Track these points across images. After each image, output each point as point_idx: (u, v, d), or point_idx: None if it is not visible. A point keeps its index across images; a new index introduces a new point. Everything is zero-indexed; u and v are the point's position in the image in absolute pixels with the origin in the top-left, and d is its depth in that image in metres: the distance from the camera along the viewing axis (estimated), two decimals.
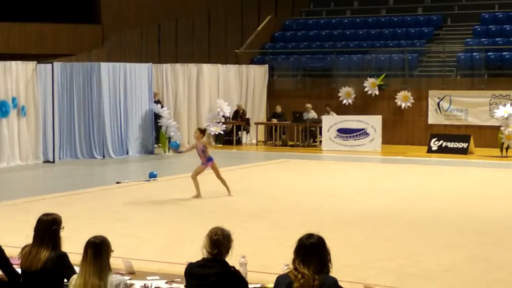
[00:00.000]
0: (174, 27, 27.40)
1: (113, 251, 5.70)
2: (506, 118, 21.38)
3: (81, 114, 20.81)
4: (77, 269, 5.82)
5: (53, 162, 19.72)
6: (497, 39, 25.90)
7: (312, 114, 24.54)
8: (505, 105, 22.09)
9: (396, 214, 12.48)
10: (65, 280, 5.98)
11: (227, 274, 5.64)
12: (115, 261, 6.27)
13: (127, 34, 26.08)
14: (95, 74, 20.91)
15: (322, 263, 5.20)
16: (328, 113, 24.33)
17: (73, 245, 6.83)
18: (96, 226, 10.83)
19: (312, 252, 5.19)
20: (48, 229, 6.06)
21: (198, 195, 13.98)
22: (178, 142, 14.51)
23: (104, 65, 21.26)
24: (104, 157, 20.86)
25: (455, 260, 9.20)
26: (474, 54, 25.47)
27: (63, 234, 6.22)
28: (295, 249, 5.26)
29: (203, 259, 5.74)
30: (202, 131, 14.73)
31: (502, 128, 21.44)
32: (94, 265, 5.51)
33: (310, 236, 5.29)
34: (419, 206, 13.32)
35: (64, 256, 6.07)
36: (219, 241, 5.68)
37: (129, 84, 21.71)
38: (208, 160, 14.26)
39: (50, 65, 20.16)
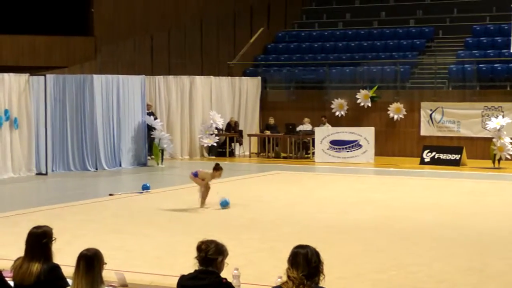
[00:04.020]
0: (166, 39, 27.44)
1: (106, 263, 5.68)
2: (498, 130, 21.44)
3: (73, 126, 20.80)
4: (70, 281, 5.81)
5: (46, 174, 19.69)
6: (488, 51, 26.01)
7: (308, 126, 24.60)
8: (497, 116, 22.16)
9: (388, 226, 12.48)
10: None
11: (219, 286, 5.63)
12: (107, 274, 6.27)
13: (120, 46, 26.11)
14: (87, 86, 20.91)
15: (312, 269, 5.20)
16: (324, 124, 24.39)
17: (65, 257, 6.82)
18: (89, 238, 10.81)
19: (301, 256, 5.22)
20: (38, 242, 6.04)
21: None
22: (227, 200, 14.39)
23: (96, 77, 21.27)
24: (97, 169, 20.83)
25: (448, 272, 9.21)
26: (466, 66, 25.57)
27: (55, 246, 6.21)
28: (288, 257, 5.28)
29: (196, 270, 5.74)
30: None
31: (494, 139, 21.49)
32: (87, 278, 5.49)
33: (302, 246, 5.33)
34: (411, 217, 13.33)
35: (57, 268, 6.05)
36: (201, 248, 5.68)
37: (121, 96, 21.72)
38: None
39: (42, 77, 20.17)
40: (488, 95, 24.20)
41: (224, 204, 14.05)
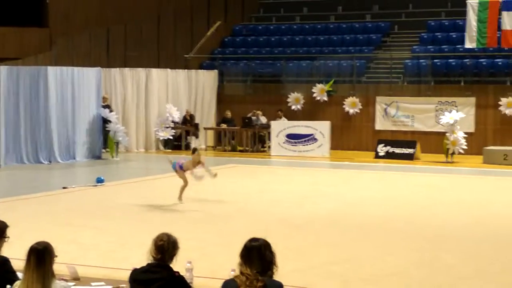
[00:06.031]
0: (123, 31, 27.23)
1: (56, 256, 5.63)
2: (452, 124, 21.70)
3: (27, 118, 20.54)
4: (20, 275, 5.75)
5: None
6: (443, 46, 26.29)
7: (262, 120, 24.61)
8: (450, 111, 22.42)
9: (342, 219, 12.57)
10: (8, 286, 5.90)
11: (172, 279, 5.63)
12: (59, 267, 6.21)
13: (75, 38, 25.83)
14: (42, 78, 20.66)
15: (265, 264, 5.22)
16: (280, 118, 24.44)
17: (16, 251, 6.73)
18: (41, 231, 10.68)
19: (254, 253, 5.22)
20: None
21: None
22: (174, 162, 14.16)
23: (51, 69, 21.03)
24: (50, 162, 20.62)
25: (400, 265, 9.31)
26: (421, 61, 25.82)
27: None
28: (240, 252, 5.29)
29: (148, 264, 5.73)
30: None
31: (447, 134, 21.75)
32: (37, 272, 5.44)
33: (254, 239, 5.34)
34: (365, 211, 13.44)
35: (6, 261, 6.00)
36: (164, 247, 5.69)
37: (77, 89, 21.50)
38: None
39: None
40: (442, 90, 24.47)
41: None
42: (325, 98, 25.21)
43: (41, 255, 5.49)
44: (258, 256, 5.21)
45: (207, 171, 13.73)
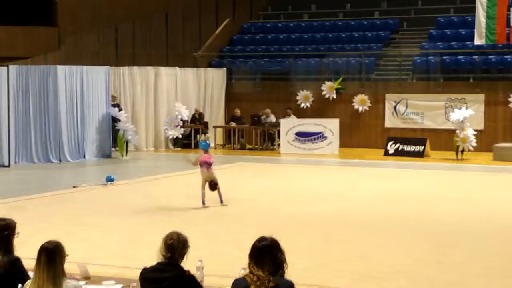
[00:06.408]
0: (131, 30, 27.27)
1: (67, 255, 5.65)
2: (462, 121, 21.64)
3: (37, 117, 20.60)
4: (31, 274, 5.77)
5: (9, 166, 19.48)
6: (452, 43, 26.22)
7: (272, 118, 24.61)
8: (460, 108, 22.37)
9: (352, 217, 12.57)
10: (20, 286, 5.92)
11: (182, 278, 5.64)
12: (70, 266, 6.23)
13: (84, 37, 25.88)
14: (51, 77, 20.71)
15: (276, 264, 5.23)
16: (289, 116, 24.43)
17: (28, 250, 6.77)
18: (52, 230, 10.73)
19: (265, 253, 5.23)
20: (0, 234, 6.00)
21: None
22: (207, 142, 14.00)
23: (60, 68, 21.08)
24: (60, 161, 20.67)
25: (409, 263, 9.30)
26: (430, 57, 25.75)
27: (18, 239, 6.17)
28: (250, 252, 5.29)
29: (158, 263, 5.75)
30: None
31: (457, 131, 21.70)
32: (48, 271, 5.45)
33: (263, 238, 5.34)
34: (375, 209, 13.43)
35: (18, 261, 6.02)
36: (174, 246, 5.70)
37: (86, 88, 21.55)
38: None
39: (5, 68, 19.94)
40: (451, 86, 24.41)
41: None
42: (334, 96, 25.19)
43: (52, 254, 5.50)
44: (269, 257, 5.22)
45: (219, 195, 13.67)
